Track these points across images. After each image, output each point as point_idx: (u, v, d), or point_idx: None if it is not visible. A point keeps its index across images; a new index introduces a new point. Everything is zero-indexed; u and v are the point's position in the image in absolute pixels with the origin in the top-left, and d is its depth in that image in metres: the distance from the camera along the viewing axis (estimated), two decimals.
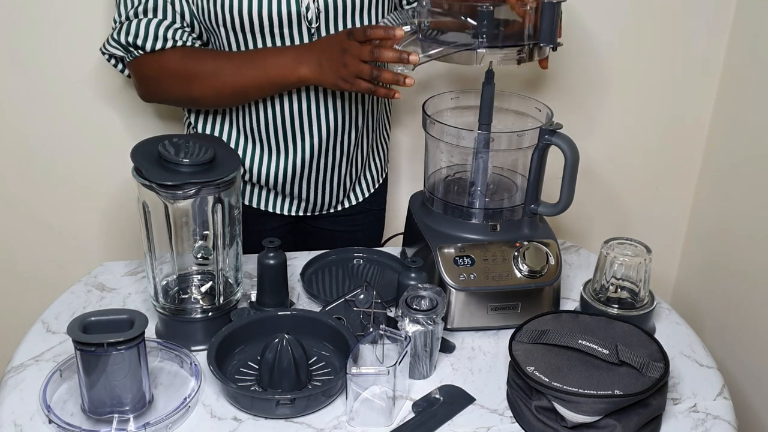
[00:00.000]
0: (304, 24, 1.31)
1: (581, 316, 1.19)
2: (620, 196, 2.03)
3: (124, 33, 1.31)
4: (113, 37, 1.33)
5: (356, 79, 1.22)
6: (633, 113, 1.93)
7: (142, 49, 1.31)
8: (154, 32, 1.30)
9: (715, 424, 1.12)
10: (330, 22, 1.33)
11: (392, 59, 1.19)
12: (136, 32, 1.30)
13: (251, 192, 1.49)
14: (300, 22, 1.31)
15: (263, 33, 1.31)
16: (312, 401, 1.09)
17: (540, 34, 1.22)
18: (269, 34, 1.31)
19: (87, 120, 1.71)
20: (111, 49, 1.35)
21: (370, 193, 1.60)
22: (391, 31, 1.19)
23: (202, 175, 1.13)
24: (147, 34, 1.30)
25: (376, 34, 1.20)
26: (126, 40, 1.31)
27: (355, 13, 1.34)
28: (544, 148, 1.28)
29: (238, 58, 1.32)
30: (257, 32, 1.31)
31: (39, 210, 1.78)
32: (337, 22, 1.33)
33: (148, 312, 1.18)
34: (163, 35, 1.30)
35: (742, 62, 1.82)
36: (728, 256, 1.88)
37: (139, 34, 1.30)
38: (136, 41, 1.31)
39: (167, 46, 1.31)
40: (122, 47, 1.33)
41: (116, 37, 1.33)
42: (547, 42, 1.23)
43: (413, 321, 1.14)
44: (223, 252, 1.23)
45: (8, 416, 1.08)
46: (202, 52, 1.34)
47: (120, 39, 1.32)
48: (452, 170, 1.39)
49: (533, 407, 1.06)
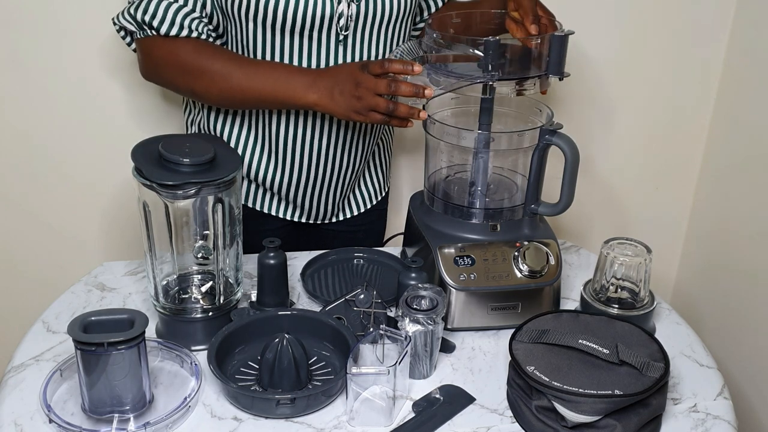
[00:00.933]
0: (335, 29, 1.31)
1: (581, 315, 1.19)
2: (620, 196, 2.03)
3: (141, 11, 1.28)
4: (129, 11, 1.30)
5: (370, 111, 1.22)
6: (633, 113, 1.93)
7: (157, 31, 1.29)
8: (172, 17, 1.28)
9: (715, 424, 1.12)
10: (358, 30, 1.33)
11: (409, 93, 1.19)
12: (154, 12, 1.28)
13: (254, 194, 1.49)
14: (331, 27, 1.30)
15: (293, 33, 1.30)
16: (312, 401, 1.09)
17: (549, 66, 1.24)
18: (299, 34, 1.30)
19: (87, 120, 1.71)
20: (123, 22, 1.31)
21: (372, 205, 1.60)
22: (409, 66, 1.20)
23: (203, 174, 1.13)
24: (164, 18, 1.28)
25: (394, 68, 1.20)
26: (142, 18, 1.28)
27: (383, 24, 1.35)
28: (545, 148, 1.28)
29: (250, 66, 1.30)
30: (287, 31, 1.29)
31: (39, 210, 1.78)
32: (365, 31, 1.34)
33: (149, 312, 1.18)
34: (180, 22, 1.28)
35: (742, 62, 1.82)
36: (728, 256, 1.88)
37: (156, 15, 1.28)
38: (152, 21, 1.28)
39: (182, 34, 1.29)
40: (136, 23, 1.30)
41: (132, 12, 1.30)
42: (555, 73, 1.25)
43: (413, 321, 1.14)
44: (224, 252, 1.23)
45: (8, 416, 1.08)
46: (215, 49, 1.32)
47: (136, 15, 1.29)
48: (452, 170, 1.39)
49: (533, 407, 1.06)
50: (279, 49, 1.32)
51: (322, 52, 1.33)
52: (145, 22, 1.29)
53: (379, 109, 1.21)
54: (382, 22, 1.35)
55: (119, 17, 1.32)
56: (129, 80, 1.68)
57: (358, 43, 1.35)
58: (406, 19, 1.39)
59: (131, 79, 1.68)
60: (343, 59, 1.34)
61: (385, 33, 1.37)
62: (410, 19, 1.41)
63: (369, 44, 1.36)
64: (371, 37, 1.35)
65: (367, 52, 1.36)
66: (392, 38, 1.39)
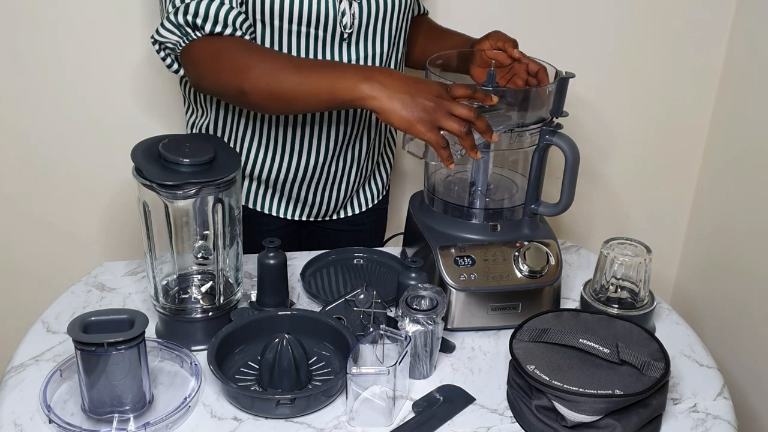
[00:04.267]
0: (338, 28, 1.31)
1: (582, 314, 1.19)
2: (620, 196, 2.03)
3: (182, 13, 1.24)
4: (169, 19, 1.25)
5: (435, 128, 1.15)
6: (633, 113, 1.93)
7: (203, 30, 1.25)
8: (215, 15, 1.24)
9: (715, 424, 1.12)
10: (362, 28, 1.33)
11: (486, 128, 1.17)
12: (196, 11, 1.24)
13: (255, 194, 1.49)
14: (335, 25, 1.30)
15: (299, 32, 1.30)
16: (312, 401, 1.09)
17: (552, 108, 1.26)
18: (305, 34, 1.30)
19: (87, 120, 1.71)
20: (166, 34, 1.26)
21: (374, 204, 1.60)
22: (488, 98, 1.19)
23: (203, 175, 1.13)
24: (207, 15, 1.24)
25: (478, 94, 1.19)
26: (186, 19, 1.24)
27: (386, 21, 1.35)
28: (545, 148, 1.28)
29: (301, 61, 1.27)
30: (294, 31, 1.29)
31: (39, 210, 1.78)
32: (368, 29, 1.34)
33: (149, 312, 1.18)
34: (224, 19, 1.25)
35: (741, 62, 1.82)
36: (728, 256, 1.88)
37: (199, 14, 1.24)
38: (196, 20, 1.24)
39: (227, 32, 1.26)
40: (180, 29, 1.25)
41: (174, 18, 1.25)
42: (555, 114, 1.26)
43: (413, 321, 1.14)
44: (224, 252, 1.23)
45: (8, 416, 1.08)
46: (261, 46, 1.29)
47: (178, 19, 1.24)
48: (453, 170, 1.39)
49: (533, 407, 1.06)
50: (286, 49, 1.32)
51: (327, 51, 1.33)
52: (190, 24, 1.25)
53: (453, 131, 1.15)
54: (385, 19, 1.35)
55: (160, 31, 1.27)
56: (129, 80, 1.68)
57: (362, 41, 1.35)
58: (406, 15, 1.40)
59: (131, 79, 1.68)
60: (347, 58, 1.35)
61: (389, 30, 1.37)
62: (409, 15, 1.42)
63: (373, 42, 1.36)
64: (375, 35, 1.36)
65: (371, 50, 1.36)
66: (395, 35, 1.39)
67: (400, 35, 1.41)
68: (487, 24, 1.78)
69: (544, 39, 1.78)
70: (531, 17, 1.80)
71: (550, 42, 1.77)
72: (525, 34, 1.79)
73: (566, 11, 1.81)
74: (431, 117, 1.14)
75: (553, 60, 1.33)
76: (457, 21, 1.76)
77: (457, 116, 1.15)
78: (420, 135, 1.15)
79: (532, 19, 1.80)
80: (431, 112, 1.14)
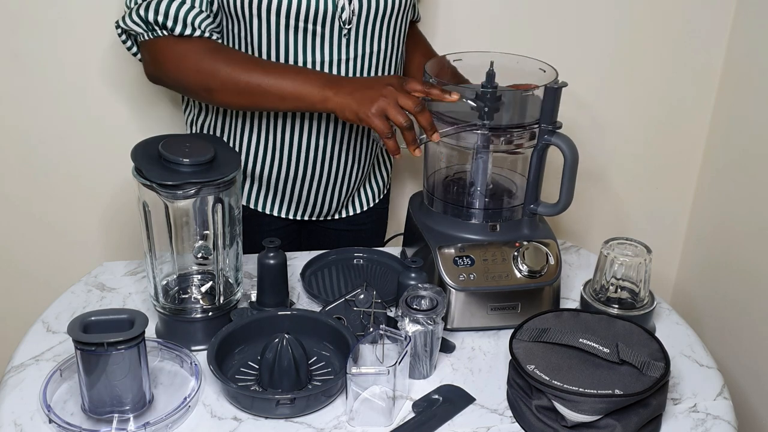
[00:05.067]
0: (337, 24, 1.31)
1: (582, 314, 1.19)
2: (620, 196, 2.03)
3: (152, 11, 1.27)
4: (137, 13, 1.28)
5: (380, 117, 1.20)
6: (633, 113, 1.93)
7: (170, 31, 1.27)
8: (183, 17, 1.27)
9: (715, 424, 1.12)
10: (361, 25, 1.33)
11: (428, 125, 1.21)
12: (166, 12, 1.26)
13: (256, 194, 1.49)
14: (334, 21, 1.30)
15: (296, 28, 1.30)
16: (312, 401, 1.09)
17: (542, 116, 1.25)
18: (302, 30, 1.30)
19: (87, 120, 1.71)
20: (131, 24, 1.29)
21: (374, 204, 1.60)
22: (447, 95, 1.21)
23: (203, 175, 1.13)
24: (177, 18, 1.27)
25: (434, 91, 1.21)
26: (154, 18, 1.27)
27: (385, 18, 1.35)
28: (544, 148, 1.28)
29: (267, 64, 1.30)
30: (291, 27, 1.30)
31: (39, 210, 1.78)
32: (367, 25, 1.34)
33: (148, 312, 1.18)
34: (191, 22, 1.27)
35: (742, 62, 1.82)
36: (728, 256, 1.88)
37: (168, 15, 1.26)
38: (165, 22, 1.27)
39: (195, 34, 1.28)
40: (146, 25, 1.28)
41: (141, 13, 1.28)
42: (547, 123, 1.26)
43: (413, 321, 1.14)
44: (224, 252, 1.23)
45: (8, 416, 1.08)
46: (228, 48, 1.32)
47: (146, 16, 1.27)
48: (452, 170, 1.39)
49: (533, 407, 1.06)
50: (284, 45, 1.32)
51: (326, 48, 1.33)
52: (157, 23, 1.27)
53: (395, 121, 1.19)
54: (384, 16, 1.35)
55: (126, 20, 1.30)
56: (129, 80, 1.68)
57: (361, 37, 1.35)
58: (405, 12, 1.40)
59: (131, 79, 1.68)
60: (346, 55, 1.35)
61: (387, 27, 1.37)
62: (409, 12, 1.42)
63: (372, 39, 1.36)
64: (374, 32, 1.36)
65: (369, 47, 1.36)
66: (394, 32, 1.39)
67: (399, 34, 1.41)
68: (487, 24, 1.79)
69: (544, 39, 1.78)
70: (531, 17, 1.79)
71: (550, 42, 1.77)
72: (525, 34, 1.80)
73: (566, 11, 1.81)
74: (379, 106, 1.19)
75: (553, 60, 1.33)
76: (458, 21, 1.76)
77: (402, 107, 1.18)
78: (368, 123, 1.20)
79: (532, 19, 1.80)
80: (379, 101, 1.19)
